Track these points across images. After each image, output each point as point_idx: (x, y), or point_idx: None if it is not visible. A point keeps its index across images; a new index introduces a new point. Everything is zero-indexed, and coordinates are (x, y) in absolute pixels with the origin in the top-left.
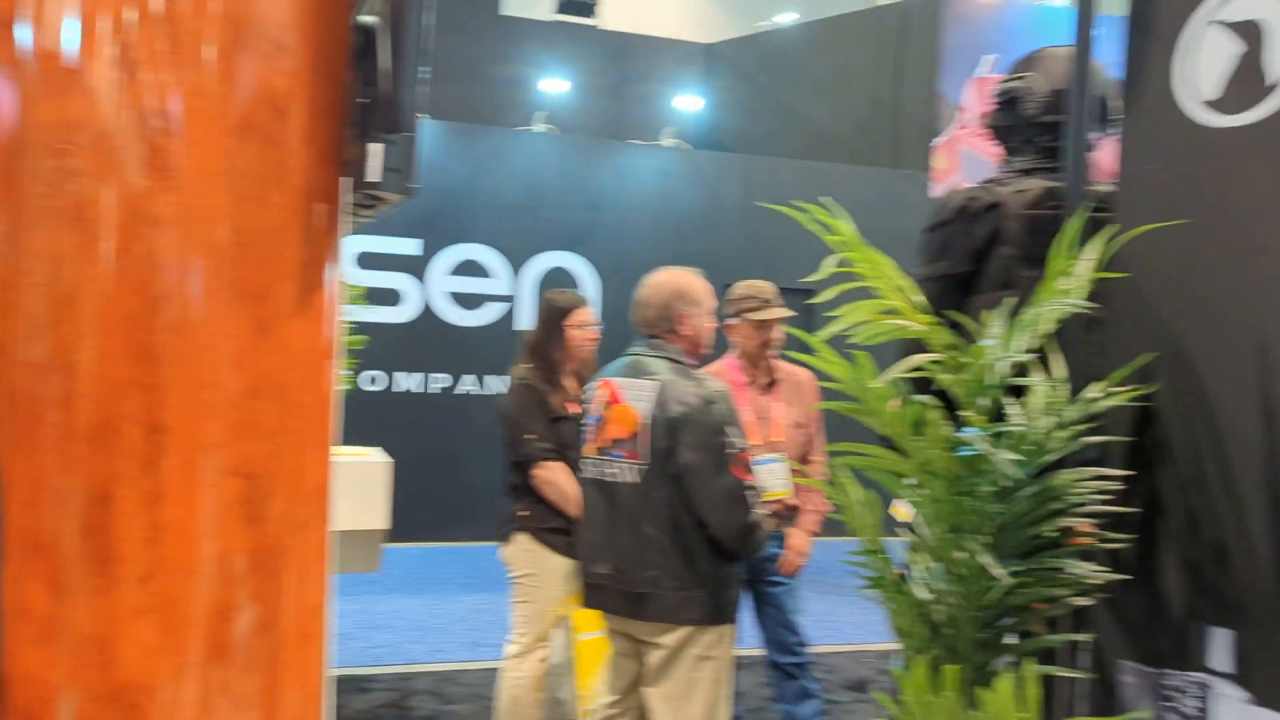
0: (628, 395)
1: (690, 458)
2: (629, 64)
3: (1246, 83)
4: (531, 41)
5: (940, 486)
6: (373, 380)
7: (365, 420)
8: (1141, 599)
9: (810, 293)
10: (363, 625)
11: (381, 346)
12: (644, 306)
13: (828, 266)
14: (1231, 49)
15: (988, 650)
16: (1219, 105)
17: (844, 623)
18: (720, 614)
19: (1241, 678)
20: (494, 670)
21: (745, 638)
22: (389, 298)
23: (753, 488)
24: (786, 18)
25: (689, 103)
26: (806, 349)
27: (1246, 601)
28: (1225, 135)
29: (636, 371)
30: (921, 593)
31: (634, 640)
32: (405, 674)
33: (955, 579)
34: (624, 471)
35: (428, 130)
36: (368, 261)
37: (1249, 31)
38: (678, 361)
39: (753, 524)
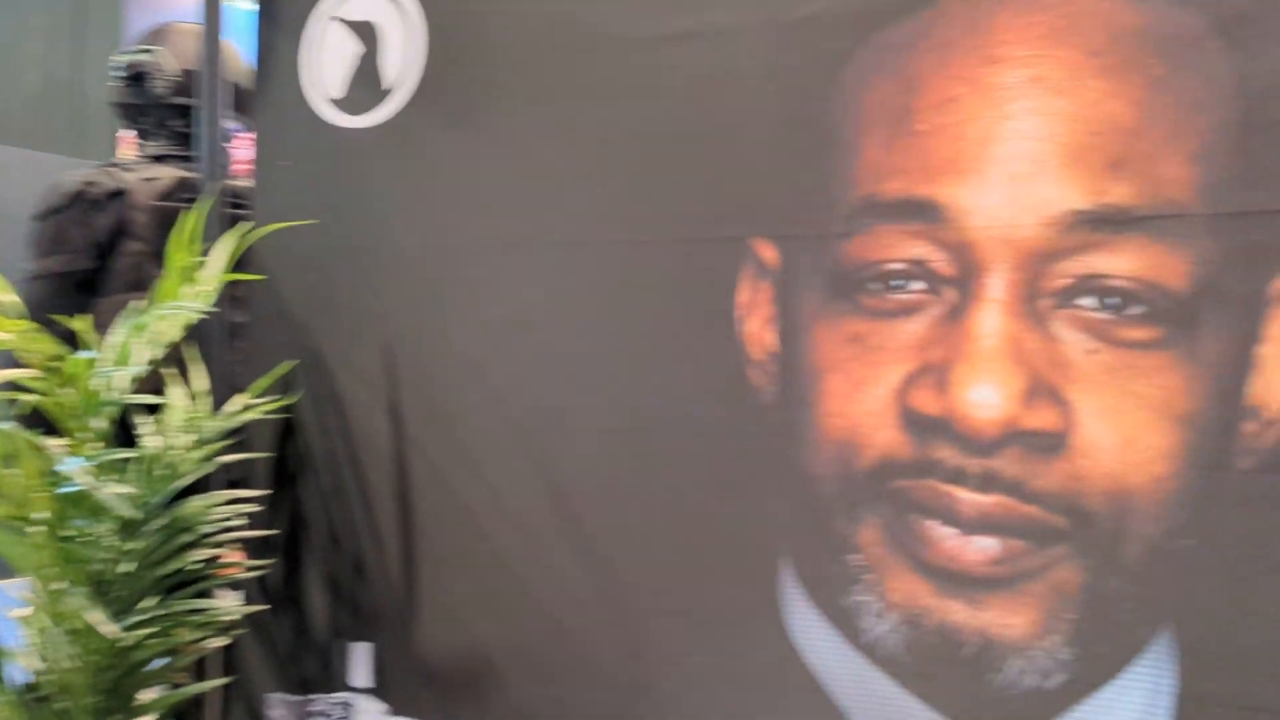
0: None
1: None
2: None
3: (366, 84)
4: None
5: (44, 532)
6: None
7: None
8: (287, 625)
9: None
10: None
11: None
12: None
13: None
14: (352, 49)
15: (115, 716)
16: (343, 105)
17: None
18: None
19: (380, 690)
20: None
21: None
22: None
23: None
24: None
25: None
26: None
27: (381, 613)
28: (350, 136)
29: None
30: (34, 662)
31: None
32: None
33: (72, 638)
34: None
35: None
36: None
37: (366, 32)
38: None
39: None
